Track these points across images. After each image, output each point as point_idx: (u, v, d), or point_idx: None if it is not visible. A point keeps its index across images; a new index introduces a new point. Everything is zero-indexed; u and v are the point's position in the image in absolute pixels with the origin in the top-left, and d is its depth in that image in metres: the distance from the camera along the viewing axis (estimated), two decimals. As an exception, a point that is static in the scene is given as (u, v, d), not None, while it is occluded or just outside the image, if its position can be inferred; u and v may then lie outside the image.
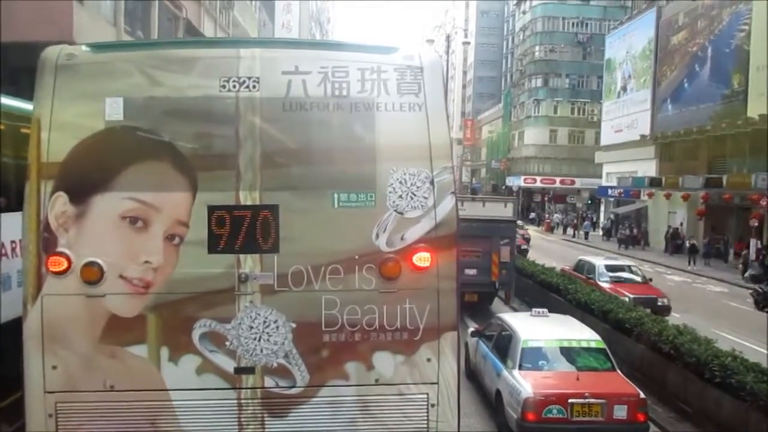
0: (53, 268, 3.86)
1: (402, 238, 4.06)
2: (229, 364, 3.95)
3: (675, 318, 15.10)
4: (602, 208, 53.02)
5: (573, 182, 64.47)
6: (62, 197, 3.90)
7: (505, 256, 15.58)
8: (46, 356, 3.84)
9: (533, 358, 8.78)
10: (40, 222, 3.88)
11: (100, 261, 3.88)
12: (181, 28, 22.70)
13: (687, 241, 33.66)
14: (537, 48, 66.54)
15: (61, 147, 3.90)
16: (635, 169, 44.60)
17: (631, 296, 15.81)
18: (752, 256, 28.04)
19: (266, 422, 3.92)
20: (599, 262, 19.50)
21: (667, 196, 38.65)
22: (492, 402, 9.26)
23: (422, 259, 4.04)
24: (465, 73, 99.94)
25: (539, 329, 9.65)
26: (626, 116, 46.47)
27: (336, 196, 4.06)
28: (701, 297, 23.06)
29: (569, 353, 9.03)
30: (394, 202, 4.07)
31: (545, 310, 10.93)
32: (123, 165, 3.96)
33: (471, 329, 11.16)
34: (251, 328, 3.96)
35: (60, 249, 3.88)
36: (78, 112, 3.96)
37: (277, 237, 3.98)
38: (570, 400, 7.83)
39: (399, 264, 4.02)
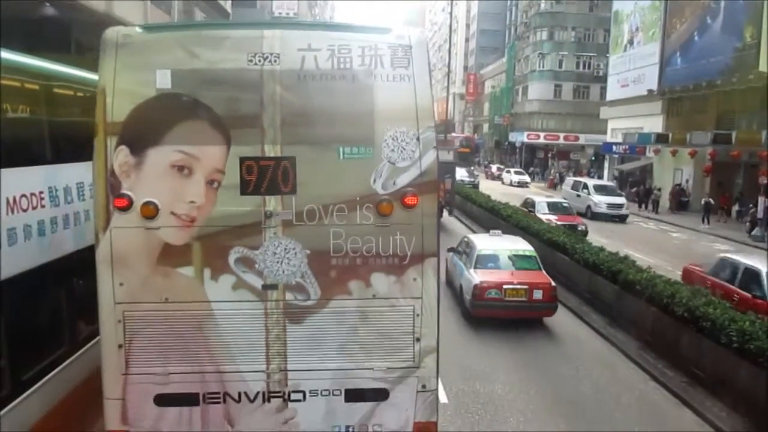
0: (118, 206, 4.81)
1: (394, 183, 4.98)
2: (257, 282, 4.97)
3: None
4: (606, 164, 52.32)
5: (577, 138, 63.69)
6: (124, 150, 4.81)
7: (448, 185, 24.17)
8: (115, 275, 4.86)
9: (484, 261, 13.01)
10: (107, 169, 4.82)
11: (155, 200, 4.82)
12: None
13: (701, 199, 33.05)
14: (542, 0, 64.82)
15: (122, 110, 4.81)
16: (641, 125, 43.77)
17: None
18: (760, 214, 27.60)
19: (287, 327, 5.00)
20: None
21: (674, 153, 38.02)
22: (458, 293, 13.52)
23: (410, 200, 4.99)
24: (468, 26, 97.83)
25: (491, 243, 14.09)
26: (633, 70, 45.38)
27: (341, 149, 4.96)
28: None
29: (509, 258, 13.21)
30: (387, 154, 4.98)
31: (499, 231, 16.31)
32: (171, 124, 4.87)
33: (448, 247, 15.43)
34: (275, 254, 4.96)
35: (123, 191, 4.81)
36: (134, 82, 4.86)
37: (295, 182, 4.92)
38: (504, 286, 12.12)
39: (392, 204, 4.97)
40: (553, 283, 12.41)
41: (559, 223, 21.69)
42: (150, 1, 18.82)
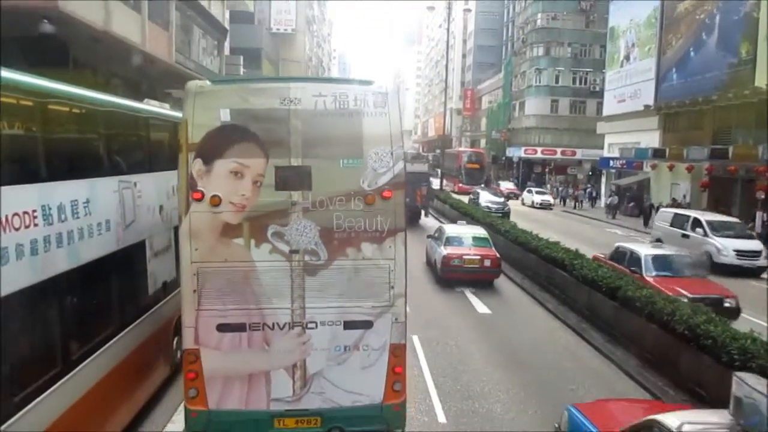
0: (195, 198, 6.87)
1: (376, 183, 7.14)
2: (285, 248, 7.05)
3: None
4: (603, 179, 52.40)
5: (574, 153, 63.84)
6: (199, 161, 6.90)
7: (424, 191, 29.89)
8: (192, 244, 6.91)
9: (451, 241, 18.09)
10: (188, 174, 6.86)
11: (219, 194, 6.90)
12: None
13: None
14: (539, 16, 65.23)
15: (198, 135, 6.92)
16: (638, 140, 43.91)
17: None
18: (758, 228, 27.58)
19: (305, 279, 7.09)
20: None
21: (671, 168, 38.10)
22: (433, 266, 18.92)
23: (387, 194, 7.16)
24: (465, 42, 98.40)
25: (457, 229, 19.57)
26: (629, 86, 45.61)
27: (341, 161, 7.15)
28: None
29: (469, 239, 18.31)
30: (371, 164, 7.15)
31: (464, 221, 23.78)
32: (230, 144, 6.97)
33: (428, 234, 21.37)
34: (297, 229, 7.06)
35: (198, 188, 6.88)
36: (206, 117, 6.99)
37: (311, 182, 7.05)
38: (464, 256, 17.38)
39: (374, 196, 7.13)
40: (498, 255, 17.81)
41: (690, 295, 12.88)
42: (149, 20, 18.84)
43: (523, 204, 48.18)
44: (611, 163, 47.35)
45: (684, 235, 22.71)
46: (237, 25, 49.03)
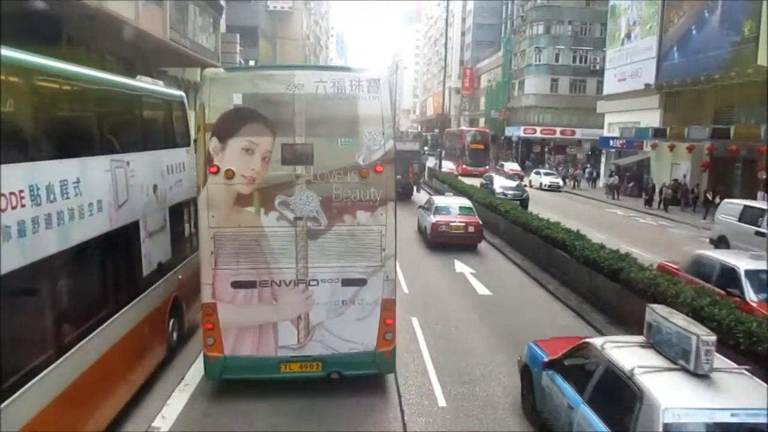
0: (211, 171, 7.82)
1: (370, 159, 8.07)
2: (291, 216, 8.01)
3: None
4: (603, 159, 52.13)
5: (573, 133, 63.51)
6: (215, 139, 7.83)
7: (415, 168, 32.37)
8: (209, 212, 7.88)
9: (440, 210, 20.28)
10: (205, 150, 7.81)
11: (232, 168, 7.83)
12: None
13: (701, 194, 32.37)
14: (539, -7, 64.52)
15: (213, 116, 7.84)
16: (638, 120, 43.58)
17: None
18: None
19: (308, 242, 8.04)
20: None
21: (671, 148, 37.84)
22: (423, 232, 21.34)
23: (379, 168, 8.08)
24: (464, 20, 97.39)
25: (445, 200, 21.98)
26: (630, 64, 45.16)
27: (339, 139, 8.09)
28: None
29: (456, 208, 20.57)
30: (365, 143, 8.06)
31: (452, 193, 26.52)
32: (242, 124, 7.89)
33: (418, 204, 24.31)
34: (301, 199, 7.99)
35: (214, 162, 7.81)
36: (221, 100, 7.90)
37: (312, 157, 7.99)
38: (450, 223, 19.54)
39: (368, 171, 8.07)
40: (481, 222, 20.28)
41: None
42: (141, -4, 18.42)
43: (530, 186, 45.24)
44: (611, 142, 47.04)
45: (759, 233, 17.97)
46: (233, 2, 48.43)
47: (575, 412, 6.52)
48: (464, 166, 53.97)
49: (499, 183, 34.24)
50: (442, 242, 19.44)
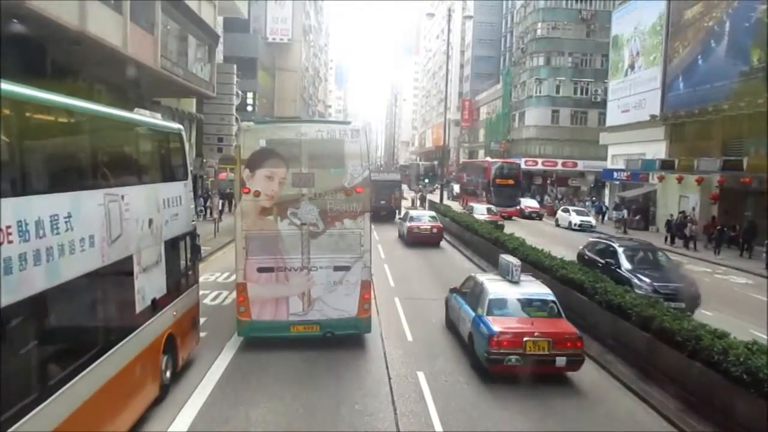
0: (244, 192, 11.46)
1: (352, 183, 11.69)
2: (298, 222, 11.56)
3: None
4: (607, 191, 51.14)
5: (575, 164, 62.72)
6: (247, 170, 11.45)
7: (396, 194, 39.18)
8: (243, 220, 11.52)
9: (413, 219, 29.23)
10: (240, 177, 11.49)
11: (259, 189, 11.46)
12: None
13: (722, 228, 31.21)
14: (539, 25, 64.29)
15: (246, 154, 11.54)
16: (643, 151, 42.70)
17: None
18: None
19: (310, 241, 11.59)
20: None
21: (679, 180, 36.86)
22: (402, 236, 29.79)
23: (359, 189, 11.73)
24: (462, 52, 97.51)
25: (417, 213, 31.91)
26: (634, 95, 44.54)
27: (332, 169, 11.68)
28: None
29: (426, 217, 29.93)
30: (350, 172, 11.70)
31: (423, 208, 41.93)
32: (266, 159, 11.53)
33: (398, 217, 35.63)
34: (305, 210, 11.56)
35: (247, 186, 11.44)
36: (251, 143, 11.61)
37: (313, 182, 11.58)
38: (420, 227, 28.53)
39: (352, 191, 11.68)
40: (441, 226, 29.34)
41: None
42: (131, 21, 17.54)
43: (558, 225, 40.68)
44: (615, 174, 46.11)
45: None
46: (232, 33, 47.91)
47: (463, 311, 12.35)
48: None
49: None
50: (415, 240, 27.82)
